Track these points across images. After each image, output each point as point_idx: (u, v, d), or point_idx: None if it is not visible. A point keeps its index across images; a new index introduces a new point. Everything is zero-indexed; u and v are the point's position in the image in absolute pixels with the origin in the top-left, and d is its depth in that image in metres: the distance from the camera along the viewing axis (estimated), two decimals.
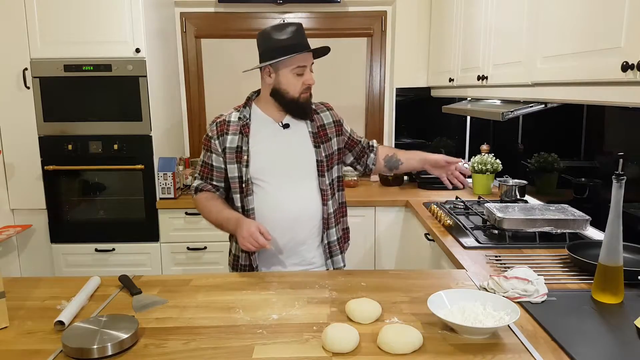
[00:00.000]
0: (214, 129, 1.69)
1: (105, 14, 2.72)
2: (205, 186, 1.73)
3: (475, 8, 2.37)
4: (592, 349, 1.07)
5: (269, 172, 1.65)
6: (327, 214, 1.70)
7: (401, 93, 3.37)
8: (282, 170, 1.66)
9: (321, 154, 1.70)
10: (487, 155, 2.85)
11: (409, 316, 1.23)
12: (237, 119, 1.69)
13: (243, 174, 1.64)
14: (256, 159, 1.65)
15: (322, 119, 1.76)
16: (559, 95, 1.57)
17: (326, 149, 1.73)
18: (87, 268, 2.95)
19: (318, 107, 1.79)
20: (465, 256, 1.74)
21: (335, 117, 1.80)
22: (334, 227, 1.74)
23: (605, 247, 1.30)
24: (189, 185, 3.17)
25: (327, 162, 1.72)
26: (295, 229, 1.67)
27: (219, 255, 3.01)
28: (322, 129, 1.74)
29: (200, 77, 3.48)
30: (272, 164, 1.65)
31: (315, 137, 1.71)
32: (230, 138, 1.67)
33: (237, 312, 1.27)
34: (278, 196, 1.65)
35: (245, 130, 1.67)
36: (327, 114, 1.78)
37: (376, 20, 3.44)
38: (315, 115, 1.75)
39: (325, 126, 1.76)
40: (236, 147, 1.66)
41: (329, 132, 1.76)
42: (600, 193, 2.06)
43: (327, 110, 1.80)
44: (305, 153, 1.69)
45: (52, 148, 2.86)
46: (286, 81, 1.64)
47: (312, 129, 1.72)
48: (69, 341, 1.06)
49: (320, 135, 1.73)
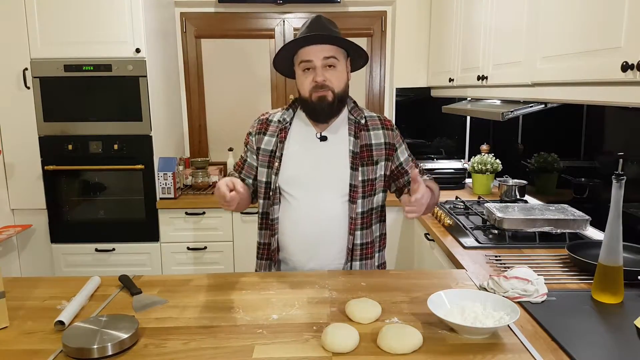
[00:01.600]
0: (255, 125, 1.61)
1: (105, 14, 2.72)
2: (233, 174, 1.65)
3: (475, 8, 2.37)
4: (592, 349, 1.07)
5: (297, 185, 1.52)
6: (352, 244, 1.54)
7: (401, 93, 3.37)
8: (311, 186, 1.52)
9: (357, 177, 1.51)
10: (487, 155, 2.85)
11: (409, 316, 1.23)
12: (278, 121, 1.58)
13: (272, 181, 1.54)
14: (287, 168, 1.53)
15: (370, 137, 1.55)
16: (559, 95, 1.57)
17: (366, 172, 1.53)
18: (87, 268, 2.95)
19: (372, 123, 1.57)
20: (465, 256, 1.74)
21: (389, 139, 1.57)
22: (361, 261, 1.57)
23: (605, 247, 1.30)
24: (190, 185, 3.18)
25: (363, 189, 1.53)
26: (316, 252, 1.54)
27: (219, 255, 3.01)
28: (366, 149, 1.54)
29: (200, 77, 3.48)
30: (302, 177, 1.52)
31: (354, 156, 1.52)
32: (266, 139, 1.57)
33: (237, 312, 1.27)
34: (301, 213, 1.53)
35: (282, 135, 1.55)
36: (379, 133, 1.56)
37: (376, 20, 3.44)
38: (364, 132, 1.55)
39: (372, 147, 1.55)
40: (270, 151, 1.56)
41: (375, 154, 1.55)
42: (600, 193, 2.06)
43: (382, 129, 1.57)
44: (339, 173, 1.52)
45: (52, 148, 2.86)
46: (298, 79, 1.53)
47: (354, 147, 1.53)
48: (69, 341, 1.06)
49: (363, 156, 1.53)
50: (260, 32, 3.39)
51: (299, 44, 1.48)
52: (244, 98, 3.51)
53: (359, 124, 1.57)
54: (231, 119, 3.53)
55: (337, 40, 1.48)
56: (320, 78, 1.46)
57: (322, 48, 1.46)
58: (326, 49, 1.47)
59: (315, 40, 1.46)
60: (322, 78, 1.46)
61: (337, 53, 1.49)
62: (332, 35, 1.47)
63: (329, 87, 1.48)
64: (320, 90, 1.47)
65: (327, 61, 1.47)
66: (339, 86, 1.50)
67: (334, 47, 1.49)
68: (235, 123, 3.52)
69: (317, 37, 1.46)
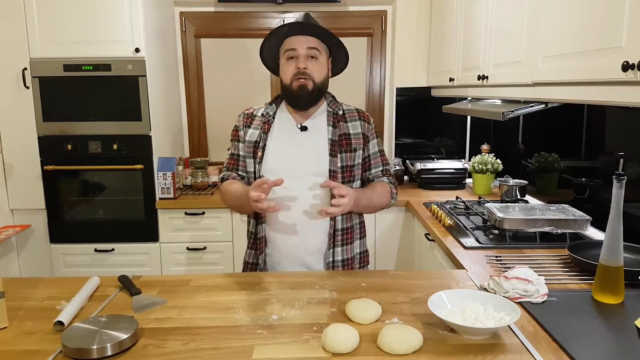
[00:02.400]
0: (240, 119, 1.70)
1: (104, 14, 2.72)
2: (230, 175, 1.69)
3: (475, 7, 2.37)
4: (592, 349, 1.07)
5: (279, 173, 1.55)
6: (333, 229, 1.61)
7: (401, 93, 3.37)
8: (293, 173, 1.57)
9: (336, 163, 1.60)
10: (488, 155, 2.84)
11: (409, 316, 1.23)
12: (262, 114, 1.67)
13: (256, 170, 1.62)
14: (269, 157, 1.61)
15: (348, 127, 1.66)
16: (560, 95, 1.57)
17: (345, 159, 1.62)
18: (87, 268, 2.95)
19: (350, 115, 1.68)
20: (466, 256, 1.73)
21: (364, 130, 1.67)
22: (342, 247, 1.63)
23: (606, 247, 1.30)
24: (189, 185, 3.17)
25: (342, 174, 1.61)
26: (301, 237, 1.60)
27: (219, 255, 3.01)
28: (345, 138, 1.64)
29: (200, 77, 3.48)
30: (284, 165, 1.59)
31: (333, 144, 1.61)
32: (250, 132, 1.66)
33: (237, 312, 1.26)
34: (285, 199, 1.58)
35: (265, 127, 1.64)
36: (356, 124, 1.67)
37: (376, 19, 3.44)
38: (342, 123, 1.65)
39: (350, 135, 1.65)
40: (254, 142, 1.64)
41: (353, 143, 1.64)
42: (600, 193, 2.06)
43: (359, 120, 1.68)
44: (319, 160, 1.60)
45: (51, 148, 2.86)
46: (281, 68, 1.61)
47: (332, 136, 1.62)
48: (68, 341, 1.06)
49: (342, 143, 1.63)
50: (259, 32, 3.38)
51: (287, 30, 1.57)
52: (244, 98, 3.50)
53: (336, 114, 1.66)
54: (231, 118, 3.47)
55: (321, 30, 1.57)
56: (302, 65, 1.55)
57: (306, 39, 1.56)
58: (310, 40, 1.57)
59: (301, 29, 1.56)
60: (304, 65, 1.55)
61: (320, 47, 1.59)
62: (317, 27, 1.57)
63: (310, 76, 1.56)
64: (302, 77, 1.56)
65: (310, 52, 1.57)
66: (319, 77, 1.59)
67: (318, 41, 1.59)
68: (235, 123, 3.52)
69: (304, 25, 1.56)
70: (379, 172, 1.70)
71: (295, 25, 1.56)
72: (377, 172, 1.70)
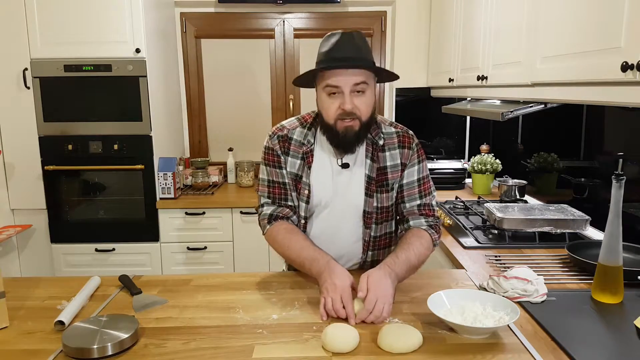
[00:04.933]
0: (276, 142, 1.46)
1: (105, 14, 2.72)
2: (282, 211, 1.47)
3: (475, 8, 2.37)
4: (591, 349, 1.07)
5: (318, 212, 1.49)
6: (369, 236, 1.50)
7: (401, 93, 3.37)
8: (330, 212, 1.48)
9: (371, 204, 1.45)
10: (487, 155, 2.85)
11: (409, 316, 1.23)
12: (300, 140, 1.46)
13: (302, 210, 1.47)
14: (313, 196, 1.46)
15: (386, 158, 1.46)
16: (559, 95, 1.57)
17: (380, 200, 1.46)
18: (87, 268, 2.95)
19: (389, 143, 1.46)
20: (465, 256, 1.74)
21: (403, 158, 1.47)
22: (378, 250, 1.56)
23: (605, 247, 1.30)
24: (190, 185, 3.17)
25: (377, 215, 1.47)
26: None
27: (219, 255, 3.01)
28: (382, 172, 1.46)
29: (200, 77, 3.48)
30: (324, 203, 1.47)
31: (370, 182, 1.45)
32: (290, 161, 1.46)
33: (237, 312, 1.27)
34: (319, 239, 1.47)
35: (309, 159, 1.45)
36: (395, 153, 1.46)
37: (376, 20, 3.44)
38: (380, 154, 1.45)
39: (387, 169, 1.46)
40: (296, 175, 1.46)
41: (390, 178, 1.46)
42: (599, 193, 2.06)
43: (398, 148, 1.47)
44: (354, 199, 1.46)
45: (52, 148, 2.86)
46: (321, 102, 1.39)
47: (370, 172, 1.45)
48: (69, 341, 1.06)
49: (379, 180, 1.45)
50: (260, 32, 3.39)
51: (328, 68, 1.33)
52: (244, 98, 3.50)
53: (377, 145, 1.46)
54: (231, 119, 3.53)
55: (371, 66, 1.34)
56: (349, 106, 1.33)
57: (352, 72, 1.31)
58: (357, 74, 1.32)
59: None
60: (350, 106, 1.33)
61: (368, 78, 1.35)
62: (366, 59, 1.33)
63: (357, 116, 1.35)
64: (347, 119, 1.34)
65: (357, 87, 1.33)
66: (366, 114, 1.37)
67: (365, 72, 1.34)
68: (235, 123, 3.53)
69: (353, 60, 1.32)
70: (414, 208, 1.47)
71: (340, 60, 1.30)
72: (412, 207, 1.48)
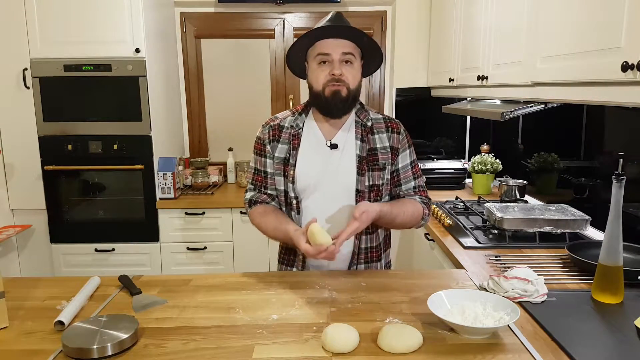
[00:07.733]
0: (266, 132, 1.56)
1: (105, 14, 2.72)
2: (259, 197, 1.58)
3: (475, 8, 2.37)
4: (592, 349, 1.07)
5: (308, 193, 1.53)
6: (357, 248, 1.55)
7: (401, 93, 3.37)
8: (321, 191, 1.52)
9: (363, 183, 1.51)
10: (487, 155, 2.85)
11: (409, 316, 1.23)
12: (290, 126, 1.55)
13: (289, 190, 1.53)
14: (299, 176, 1.52)
15: (376, 141, 1.54)
16: (559, 95, 1.57)
17: (372, 178, 1.53)
18: (87, 268, 2.95)
19: (377, 126, 1.56)
20: (465, 256, 1.74)
21: (393, 142, 1.55)
22: (365, 263, 1.58)
23: (605, 247, 1.30)
24: (190, 185, 3.17)
25: (369, 193, 1.53)
26: None
27: (219, 255, 3.01)
28: (372, 153, 1.53)
29: (200, 77, 3.48)
30: (313, 183, 1.52)
31: (361, 162, 1.51)
32: (280, 147, 1.54)
33: (237, 312, 1.27)
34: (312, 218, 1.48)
35: (294, 141, 1.53)
36: (384, 137, 1.55)
37: (376, 20, 3.44)
38: (370, 136, 1.54)
39: (377, 150, 1.54)
40: (284, 159, 1.54)
41: (381, 159, 1.53)
42: (600, 193, 2.06)
43: (387, 132, 1.56)
44: (347, 178, 1.51)
45: (52, 148, 2.86)
46: (311, 73, 1.49)
47: (361, 152, 1.52)
48: (69, 341, 1.06)
49: (370, 160, 1.53)
50: (260, 32, 3.39)
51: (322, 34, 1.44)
52: (244, 98, 3.51)
53: (365, 127, 1.55)
54: (231, 119, 3.53)
55: (359, 34, 1.44)
56: (338, 71, 1.44)
57: (341, 43, 1.44)
58: (345, 44, 1.45)
59: (337, 33, 1.44)
60: (339, 71, 1.44)
61: (355, 51, 1.48)
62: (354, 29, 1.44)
63: (345, 83, 1.45)
64: (336, 84, 1.44)
65: (345, 57, 1.45)
66: (353, 83, 1.48)
67: (352, 44, 1.46)
68: (235, 123, 3.53)
69: (342, 28, 1.43)
70: (411, 189, 1.59)
71: (331, 29, 1.43)
72: (408, 189, 1.58)
